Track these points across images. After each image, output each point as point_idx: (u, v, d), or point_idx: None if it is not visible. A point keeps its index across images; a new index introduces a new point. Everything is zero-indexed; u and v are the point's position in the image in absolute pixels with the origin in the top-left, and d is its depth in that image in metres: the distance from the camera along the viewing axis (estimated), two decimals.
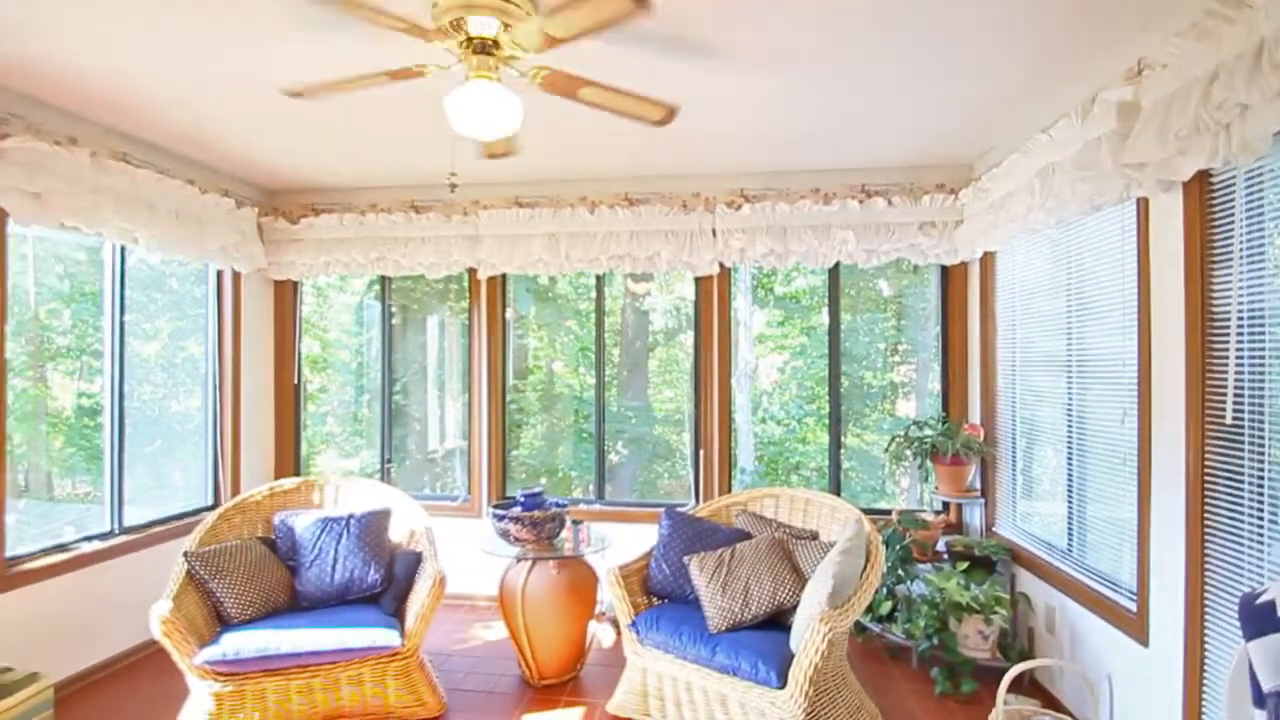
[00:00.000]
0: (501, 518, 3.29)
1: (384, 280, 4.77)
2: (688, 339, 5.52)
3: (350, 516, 3.24)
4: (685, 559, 3.05)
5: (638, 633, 2.90)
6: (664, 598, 3.16)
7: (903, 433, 3.94)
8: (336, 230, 4.42)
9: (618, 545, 3.61)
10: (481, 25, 2.06)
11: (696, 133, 3.39)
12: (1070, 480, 3.08)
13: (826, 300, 4.40)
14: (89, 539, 3.40)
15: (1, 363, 2.91)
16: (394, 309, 4.90)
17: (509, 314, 4.66)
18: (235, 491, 4.24)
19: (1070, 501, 3.08)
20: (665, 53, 2.51)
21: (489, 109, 2.14)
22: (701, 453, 4.30)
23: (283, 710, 2.74)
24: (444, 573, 3.00)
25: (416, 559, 3.25)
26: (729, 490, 4.26)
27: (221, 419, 4.26)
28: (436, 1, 2.02)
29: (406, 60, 2.33)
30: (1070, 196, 2.71)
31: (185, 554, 2.89)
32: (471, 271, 4.47)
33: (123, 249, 3.64)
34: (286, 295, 4.70)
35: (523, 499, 3.43)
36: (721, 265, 4.19)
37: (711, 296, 4.29)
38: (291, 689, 2.74)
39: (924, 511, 4.12)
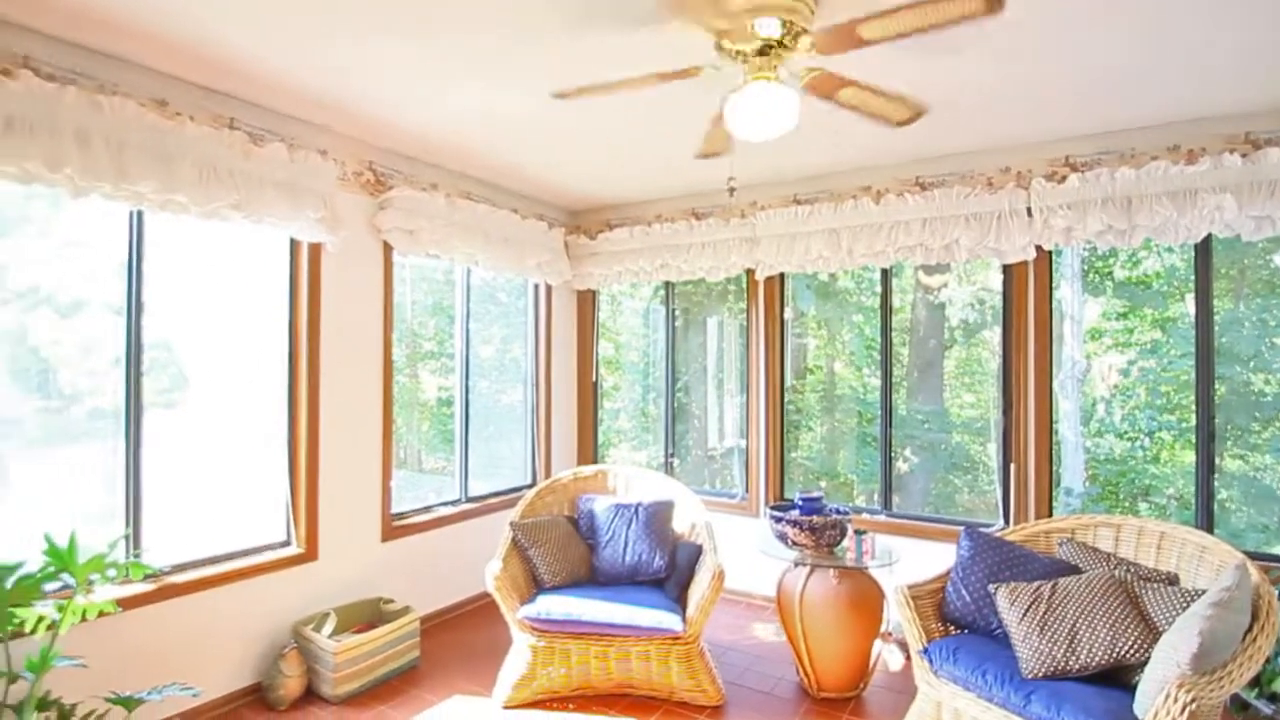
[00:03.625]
0: (779, 519, 3.24)
1: (668, 285, 5.06)
2: (993, 336, 4.84)
3: (639, 504, 3.48)
4: (990, 587, 2.65)
5: (930, 662, 2.61)
6: (962, 627, 2.79)
7: None
8: (627, 242, 4.82)
9: (906, 562, 3.30)
10: (768, 26, 2.04)
11: (999, 93, 2.94)
12: None
13: (1192, 285, 3.47)
14: (444, 504, 4.23)
15: (389, 362, 3.76)
16: (677, 312, 5.17)
17: (787, 313, 4.58)
18: (547, 473, 4.88)
19: None
20: None
21: (769, 110, 2.13)
22: (1012, 467, 3.72)
23: (583, 670, 3.05)
24: (723, 567, 3.05)
25: (697, 551, 3.37)
26: (1049, 513, 3.61)
27: (537, 411, 4.94)
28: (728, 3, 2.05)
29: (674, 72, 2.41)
30: None
31: (511, 524, 3.39)
32: (749, 272, 4.50)
33: (468, 270, 4.44)
34: (587, 303, 5.27)
35: (801, 502, 3.34)
36: (1039, 249, 3.58)
37: (1025, 286, 3.69)
38: (590, 653, 3.03)
39: None
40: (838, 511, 3.34)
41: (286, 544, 3.32)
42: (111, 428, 2.77)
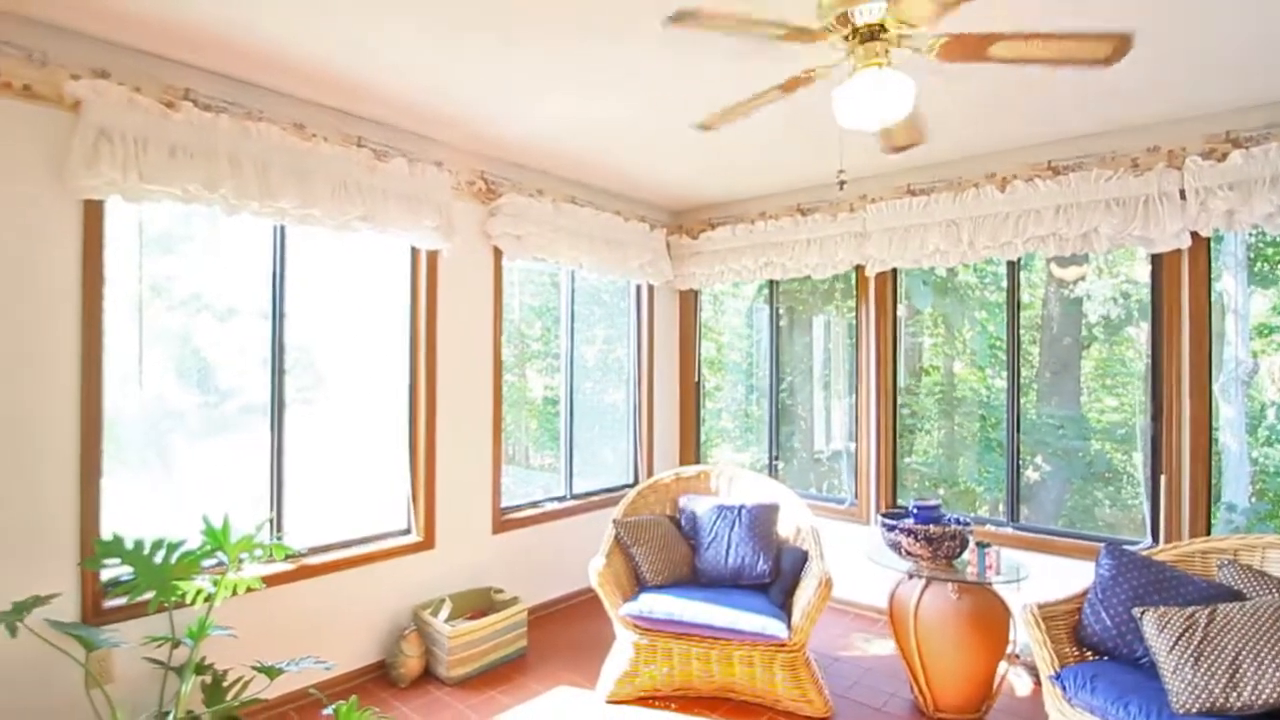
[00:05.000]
0: (892, 528, 3.08)
1: (772, 284, 4.95)
2: (1140, 333, 4.37)
3: (742, 506, 3.42)
4: (1135, 611, 2.39)
5: (1064, 689, 2.38)
6: (1100, 653, 2.53)
7: None
8: (729, 241, 4.76)
9: (1036, 579, 3.04)
10: (868, 13, 1.95)
11: (1148, 64, 2.64)
12: None
13: None
14: (551, 500, 4.36)
15: (499, 363, 3.93)
16: (781, 311, 5.05)
17: (900, 310, 4.35)
18: (649, 473, 4.91)
19: None
20: None
21: (878, 98, 2.03)
22: (1163, 479, 3.33)
23: (685, 671, 3.04)
24: (830, 574, 2.94)
25: (803, 556, 3.27)
26: (1206, 531, 3.21)
27: (639, 411, 4.99)
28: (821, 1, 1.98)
29: (784, 70, 2.35)
30: None
31: (614, 521, 3.43)
32: (858, 269, 4.32)
33: (572, 273, 4.55)
34: (688, 303, 5.26)
35: (915, 510, 3.15)
36: (1195, 236, 3.19)
37: (1179, 277, 3.30)
38: (692, 654, 3.02)
39: None
40: (957, 521, 3.13)
41: (407, 532, 3.54)
42: (259, 421, 3.06)
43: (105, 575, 2.51)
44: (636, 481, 4.90)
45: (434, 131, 3.45)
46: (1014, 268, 3.87)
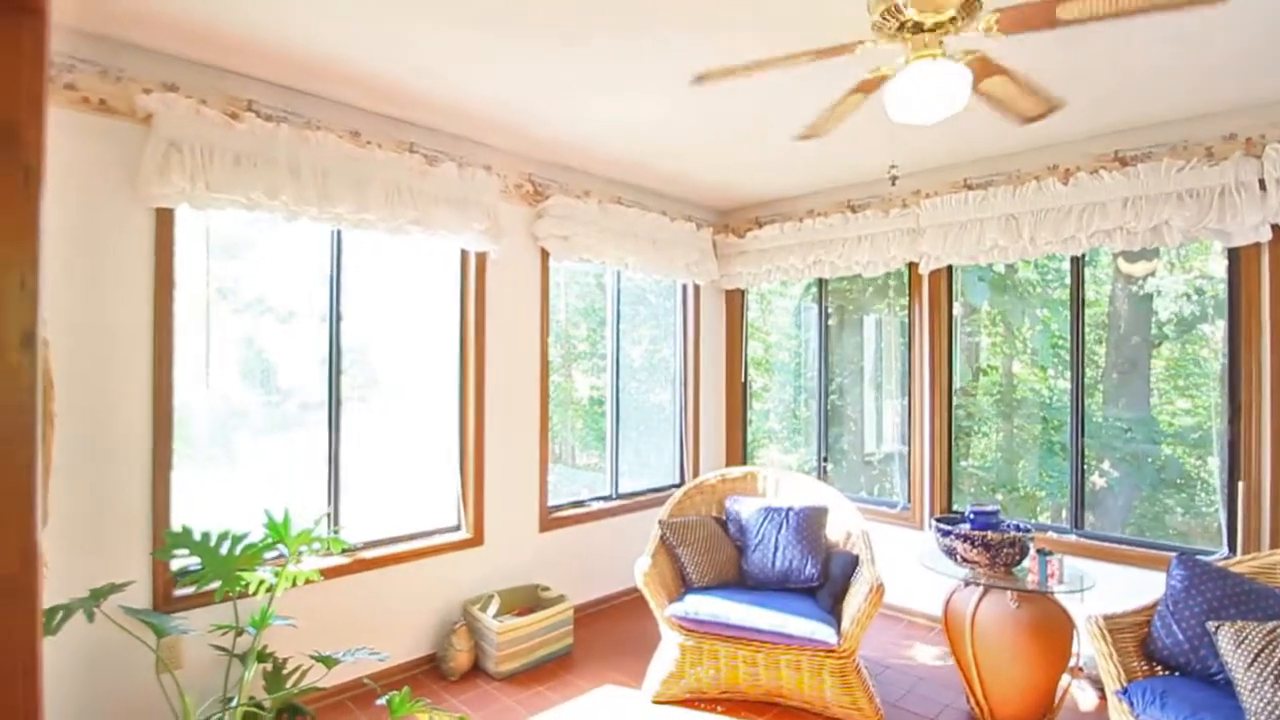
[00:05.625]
0: (947, 533, 2.99)
1: (821, 283, 4.86)
2: (1215, 331, 4.13)
3: (789, 509, 3.37)
4: (1210, 624, 2.25)
5: (1131, 705, 2.27)
6: (1170, 668, 2.39)
7: None
8: (777, 239, 4.70)
9: (1101, 589, 2.90)
10: (921, 6, 1.89)
11: (1225, 49, 2.48)
12: None
13: None
14: (596, 499, 4.38)
15: (546, 363, 3.97)
16: (830, 310, 4.96)
17: (956, 308, 4.22)
18: (695, 473, 4.88)
19: None
20: None
21: (934, 90, 1.96)
22: (1241, 485, 3.13)
23: (731, 674, 3.01)
24: (882, 579, 2.87)
25: (852, 561, 3.20)
26: None
27: (685, 411, 4.97)
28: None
29: (843, 68, 2.30)
30: None
31: (660, 522, 3.43)
32: (911, 266, 4.20)
33: (618, 273, 4.56)
34: (735, 303, 5.21)
35: (972, 515, 3.04)
36: (1276, 229, 2.99)
37: (1258, 272, 3.10)
38: (739, 657, 2.98)
39: None
40: (1017, 528, 3.01)
41: (457, 529, 3.61)
42: (316, 419, 3.17)
43: (175, 565, 2.63)
44: (682, 482, 4.88)
45: (483, 135, 3.51)
46: (1078, 263, 3.70)
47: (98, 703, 2.42)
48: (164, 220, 2.61)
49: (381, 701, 2.25)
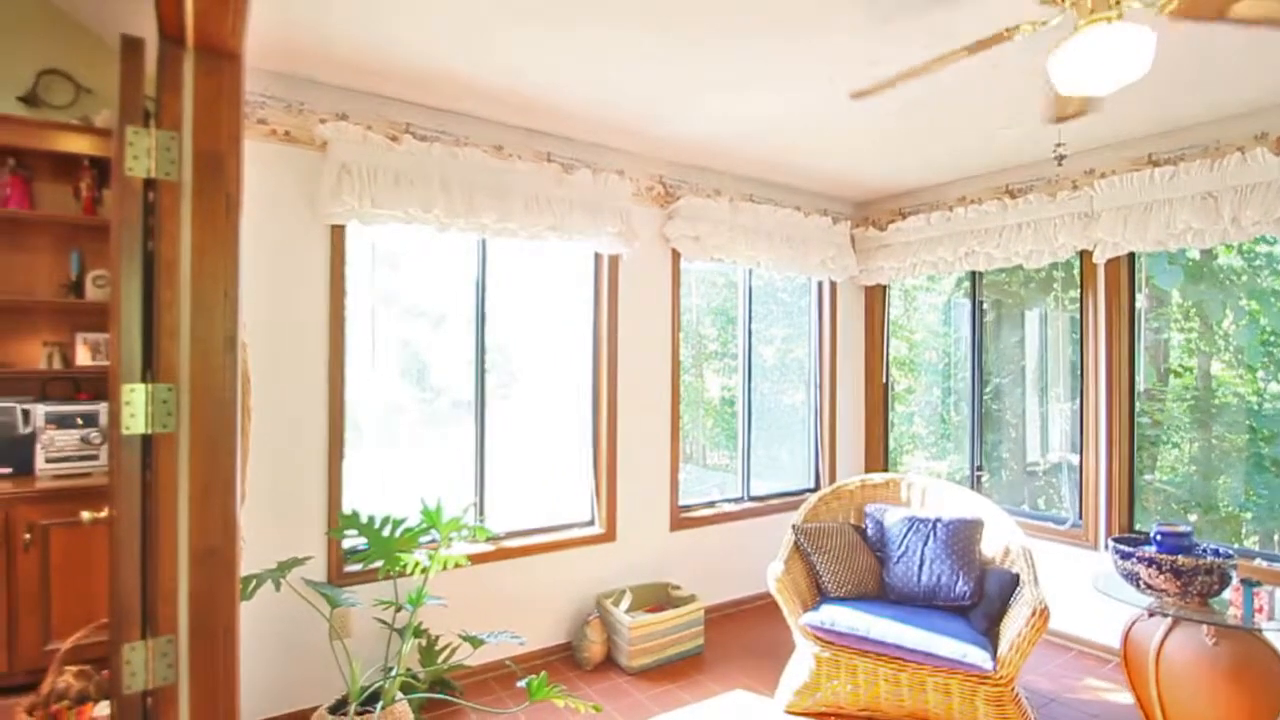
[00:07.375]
0: (1128, 555, 2.65)
1: (974, 276, 4.49)
2: None
3: (937, 520, 3.14)
4: None
5: None
6: None
7: None
8: (924, 230, 4.40)
9: None
10: None
11: None
12: None
13: None
14: (727, 501, 4.34)
15: (677, 363, 3.99)
16: (985, 305, 4.56)
17: (1140, 301, 3.72)
18: (832, 478, 4.69)
19: None
20: None
21: (1109, 56, 1.74)
22: None
23: (871, 691, 2.85)
24: (1047, 602, 2.60)
25: (1012, 580, 2.92)
26: None
27: (821, 413, 4.79)
28: None
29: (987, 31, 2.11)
30: None
31: (793, 527, 3.33)
32: (1084, 255, 3.76)
33: (749, 272, 4.49)
34: (875, 299, 4.94)
35: (1159, 537, 2.67)
36: None
37: None
38: (879, 674, 2.83)
39: None
40: (1215, 552, 2.61)
41: (591, 524, 3.72)
42: (464, 415, 3.40)
43: (345, 544, 2.94)
44: (817, 486, 4.71)
45: (614, 141, 3.59)
46: None
47: (279, 661, 2.75)
48: (337, 235, 2.92)
49: (521, 684, 2.36)
